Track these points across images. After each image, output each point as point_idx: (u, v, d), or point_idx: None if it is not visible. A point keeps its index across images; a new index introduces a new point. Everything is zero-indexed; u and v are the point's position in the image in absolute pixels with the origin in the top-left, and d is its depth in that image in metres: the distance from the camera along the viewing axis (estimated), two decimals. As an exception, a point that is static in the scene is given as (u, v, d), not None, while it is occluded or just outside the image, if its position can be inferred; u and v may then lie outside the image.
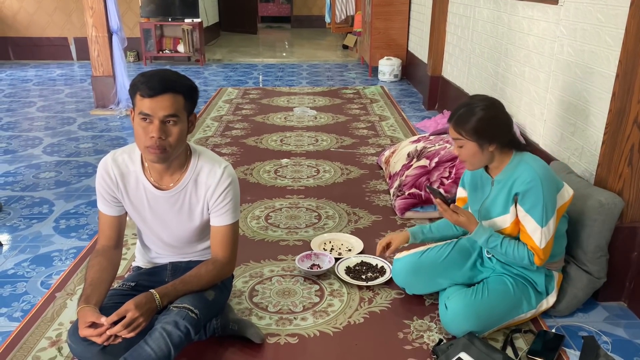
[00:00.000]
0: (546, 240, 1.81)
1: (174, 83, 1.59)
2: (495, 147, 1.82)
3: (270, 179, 3.43)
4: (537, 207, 1.79)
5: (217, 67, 7.80)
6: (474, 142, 1.80)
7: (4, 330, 2.00)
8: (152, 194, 1.75)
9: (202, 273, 1.73)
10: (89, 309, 1.55)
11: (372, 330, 1.98)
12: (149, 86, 1.56)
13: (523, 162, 1.84)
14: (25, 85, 6.46)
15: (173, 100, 1.58)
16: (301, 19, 12.96)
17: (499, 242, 1.87)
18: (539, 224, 1.79)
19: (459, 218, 1.90)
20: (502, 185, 1.88)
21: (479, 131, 1.78)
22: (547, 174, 1.82)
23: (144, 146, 1.60)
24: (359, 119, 4.84)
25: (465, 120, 1.79)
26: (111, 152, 1.77)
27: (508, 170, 1.86)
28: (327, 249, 2.53)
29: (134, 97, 1.60)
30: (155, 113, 1.57)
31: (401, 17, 6.61)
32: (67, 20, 8.01)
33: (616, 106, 2.06)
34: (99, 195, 1.77)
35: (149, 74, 1.61)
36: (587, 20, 2.44)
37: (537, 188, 1.78)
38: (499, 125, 1.81)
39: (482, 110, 1.79)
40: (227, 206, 1.75)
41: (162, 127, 1.58)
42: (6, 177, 3.50)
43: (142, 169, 1.74)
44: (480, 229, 1.89)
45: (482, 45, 4.01)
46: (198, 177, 1.74)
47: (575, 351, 1.87)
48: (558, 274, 2.01)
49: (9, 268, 2.42)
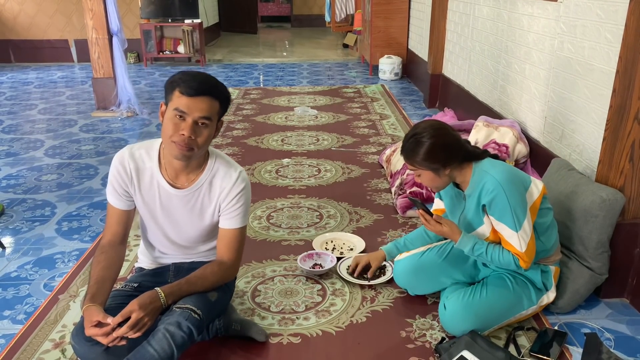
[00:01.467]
0: (525, 242, 1.80)
1: (214, 88, 1.64)
2: (449, 169, 1.83)
3: (271, 178, 3.43)
4: (505, 213, 1.78)
5: (217, 67, 7.81)
6: (428, 171, 1.83)
7: (8, 332, 2.01)
8: (165, 191, 1.76)
9: (208, 274, 1.73)
10: (95, 308, 1.56)
11: (374, 329, 1.99)
12: (191, 85, 1.59)
13: (483, 172, 1.83)
14: (26, 88, 6.48)
15: (210, 103, 1.62)
16: (301, 19, 12.96)
17: (484, 250, 1.87)
18: (513, 230, 1.79)
19: (442, 228, 1.91)
20: (472, 198, 1.88)
21: (429, 160, 1.80)
22: (508, 177, 1.79)
23: (171, 141, 1.62)
24: (359, 117, 4.84)
25: (414, 153, 1.81)
26: (128, 146, 1.78)
27: (473, 183, 1.86)
28: (328, 248, 2.53)
29: (171, 92, 1.62)
30: (191, 112, 1.59)
31: (401, 16, 6.60)
32: (68, 22, 8.02)
33: (617, 102, 2.06)
34: (110, 187, 1.78)
35: (191, 73, 1.64)
36: (587, 17, 2.43)
37: (500, 195, 1.77)
38: (448, 149, 1.81)
39: (429, 139, 1.79)
40: (239, 210, 1.77)
41: (194, 127, 1.61)
42: (8, 180, 3.51)
43: (158, 165, 1.75)
44: (465, 238, 1.89)
45: (482, 42, 4.01)
46: (213, 179, 1.77)
47: (578, 348, 1.87)
48: (555, 268, 2.01)
49: (12, 271, 2.43)
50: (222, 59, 8.31)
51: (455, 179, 1.89)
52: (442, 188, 1.94)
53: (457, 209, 1.99)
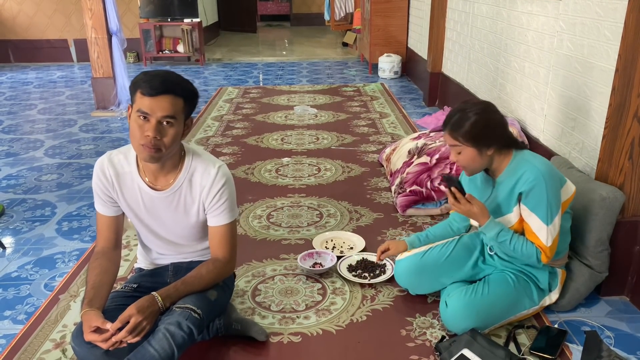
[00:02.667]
0: (552, 237, 1.81)
1: (176, 85, 1.60)
2: (493, 150, 1.82)
3: (271, 178, 3.43)
4: (541, 205, 1.78)
5: (217, 66, 7.80)
6: (472, 148, 1.80)
7: (9, 332, 2.01)
8: (147, 194, 1.75)
9: (203, 273, 1.73)
10: (94, 313, 1.55)
11: (374, 328, 1.99)
12: (151, 85, 1.57)
13: (524, 161, 1.83)
14: (25, 88, 6.48)
15: (173, 102, 1.59)
16: (300, 17, 12.94)
17: (508, 238, 1.86)
18: (544, 222, 1.79)
19: (472, 208, 1.86)
20: (504, 185, 1.87)
21: (475, 136, 1.78)
22: (549, 171, 1.81)
23: (138, 144, 1.60)
24: (359, 116, 4.84)
25: (460, 126, 1.79)
26: (107, 153, 1.78)
27: (509, 171, 1.85)
28: (329, 247, 2.53)
29: (134, 94, 1.60)
30: (153, 112, 1.57)
31: (400, 14, 6.60)
32: (67, 22, 8.01)
33: (616, 100, 2.06)
34: (96, 195, 1.78)
35: (152, 73, 1.61)
36: (586, 15, 2.43)
37: (540, 186, 1.77)
38: (495, 127, 1.81)
39: (476, 114, 1.78)
40: (223, 206, 1.75)
41: (158, 127, 1.58)
42: (8, 180, 3.51)
43: (137, 169, 1.74)
44: (492, 223, 1.87)
45: (481, 41, 4.00)
46: (192, 177, 1.74)
47: (578, 346, 1.87)
48: (562, 271, 2.01)
49: (12, 271, 2.43)
50: (222, 58, 8.31)
51: (492, 163, 1.87)
52: (478, 171, 1.89)
53: (483, 195, 1.97)
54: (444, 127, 1.85)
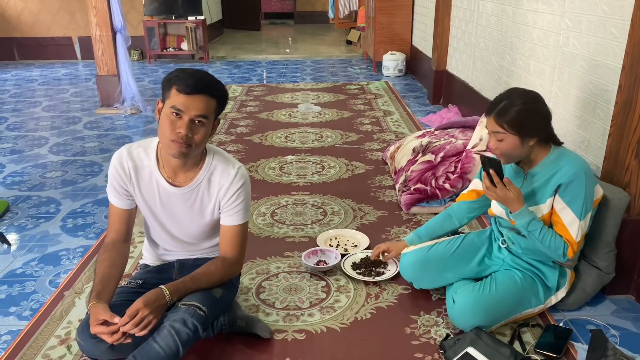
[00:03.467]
0: (582, 233, 1.81)
1: (212, 86, 1.63)
2: (535, 140, 1.81)
3: (275, 175, 3.43)
4: (578, 199, 1.78)
5: (220, 64, 7.80)
6: (515, 136, 1.78)
7: (14, 329, 2.02)
8: (165, 189, 1.76)
9: (211, 271, 1.74)
10: (101, 306, 1.56)
11: (379, 326, 1.99)
12: (188, 84, 1.58)
13: (565, 155, 1.84)
14: (30, 85, 6.49)
15: (207, 102, 1.61)
16: (304, 15, 12.92)
17: (539, 228, 1.83)
18: (578, 217, 1.79)
19: (508, 194, 1.82)
20: (540, 176, 1.86)
21: (521, 124, 1.76)
22: (588, 169, 1.82)
23: (168, 139, 1.61)
24: (363, 114, 4.84)
25: (507, 113, 1.76)
26: (126, 145, 1.78)
27: (546, 164, 1.85)
28: (333, 245, 2.53)
29: (168, 90, 1.61)
30: (188, 110, 1.59)
31: (405, 12, 6.58)
32: (71, 19, 8.02)
33: (623, 98, 2.05)
34: (110, 187, 1.78)
35: (189, 71, 1.63)
36: (592, 12, 2.42)
37: (580, 180, 1.77)
38: (541, 118, 1.79)
39: (524, 103, 1.76)
40: (239, 207, 1.77)
41: (190, 125, 1.60)
42: (13, 177, 3.52)
43: (156, 164, 1.75)
44: (525, 210, 1.84)
45: (486, 38, 3.99)
46: (212, 176, 1.76)
47: (583, 345, 1.87)
48: (571, 271, 2.01)
49: (17, 267, 2.44)
50: (226, 56, 8.31)
51: (530, 154, 1.86)
52: (517, 160, 1.88)
53: None
54: (489, 112, 1.81)
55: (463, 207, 2.18)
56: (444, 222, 2.20)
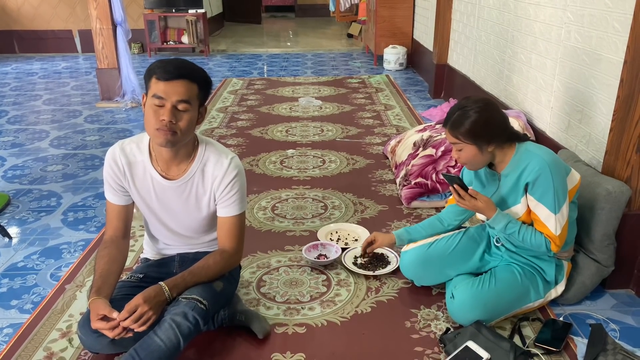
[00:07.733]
0: (561, 226, 1.81)
1: (190, 71, 1.62)
2: (494, 146, 1.82)
3: (276, 169, 3.43)
4: (548, 194, 1.78)
5: (221, 57, 7.78)
6: (472, 145, 1.80)
7: (15, 322, 2.02)
8: (159, 183, 1.76)
9: (210, 264, 1.74)
10: (101, 302, 1.57)
11: (379, 320, 1.99)
12: (166, 70, 1.59)
13: (528, 152, 1.83)
14: (30, 79, 6.48)
15: (188, 86, 1.61)
16: (305, 8, 12.88)
17: (517, 229, 1.86)
18: (552, 211, 1.79)
19: (477, 204, 1.87)
20: (510, 178, 1.87)
21: (476, 133, 1.78)
22: (554, 160, 1.81)
23: (153, 129, 1.61)
24: (364, 108, 4.83)
25: (461, 125, 1.79)
26: (119, 142, 1.78)
27: (514, 163, 1.85)
28: (333, 239, 2.54)
29: (149, 81, 1.62)
30: (168, 97, 1.58)
31: (406, 5, 6.55)
32: (72, 12, 8.00)
33: (624, 93, 2.04)
34: (106, 184, 1.78)
35: (168, 59, 1.64)
36: (594, 6, 2.41)
37: (546, 175, 1.77)
38: (495, 125, 1.80)
39: (476, 112, 1.78)
40: (234, 197, 1.76)
41: (173, 112, 1.60)
42: (14, 171, 3.53)
43: (149, 158, 1.75)
44: (499, 215, 1.87)
45: (488, 32, 3.98)
46: (205, 168, 1.75)
47: (583, 339, 1.87)
48: (567, 263, 2.01)
49: (18, 261, 2.45)
50: (226, 49, 8.29)
51: (494, 158, 1.87)
52: (481, 167, 1.90)
53: (489, 189, 1.97)
54: (445, 124, 1.85)
55: (451, 211, 2.18)
56: (435, 224, 2.21)
